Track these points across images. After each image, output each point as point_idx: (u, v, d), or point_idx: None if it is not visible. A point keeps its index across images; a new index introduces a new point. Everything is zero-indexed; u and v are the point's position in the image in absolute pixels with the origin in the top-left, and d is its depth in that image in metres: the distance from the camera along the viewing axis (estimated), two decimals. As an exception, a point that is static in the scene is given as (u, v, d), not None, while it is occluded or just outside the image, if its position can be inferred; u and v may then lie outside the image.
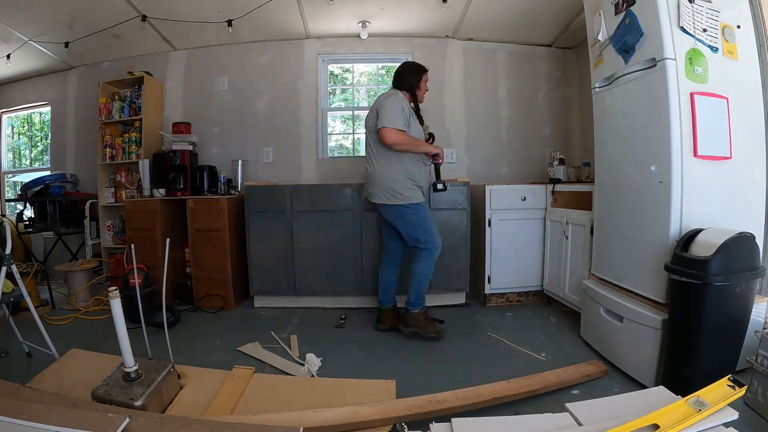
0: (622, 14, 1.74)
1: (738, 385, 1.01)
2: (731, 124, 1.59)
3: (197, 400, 1.43)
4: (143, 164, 2.99)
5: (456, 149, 3.43)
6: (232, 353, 2.00)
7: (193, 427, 1.07)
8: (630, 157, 1.79)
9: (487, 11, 2.98)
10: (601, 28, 1.89)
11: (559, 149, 3.26)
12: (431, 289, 2.65)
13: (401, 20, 3.15)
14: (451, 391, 1.48)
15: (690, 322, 1.38)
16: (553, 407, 1.43)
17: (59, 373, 1.65)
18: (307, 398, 1.46)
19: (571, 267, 2.36)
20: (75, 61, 3.52)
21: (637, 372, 1.65)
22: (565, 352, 1.98)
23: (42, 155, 4.02)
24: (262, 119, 3.43)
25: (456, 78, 3.43)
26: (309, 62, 3.41)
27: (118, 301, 1.25)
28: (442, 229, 2.61)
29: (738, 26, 1.66)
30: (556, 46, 3.47)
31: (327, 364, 1.84)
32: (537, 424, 0.99)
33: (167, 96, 3.45)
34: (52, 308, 2.74)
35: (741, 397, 1.01)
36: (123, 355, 1.30)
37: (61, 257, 3.30)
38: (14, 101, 3.85)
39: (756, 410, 1.39)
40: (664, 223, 1.57)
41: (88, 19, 2.88)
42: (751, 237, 1.37)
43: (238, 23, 2.99)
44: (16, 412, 1.00)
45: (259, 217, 2.66)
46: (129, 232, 2.82)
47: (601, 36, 1.89)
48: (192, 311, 2.68)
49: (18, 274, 1.86)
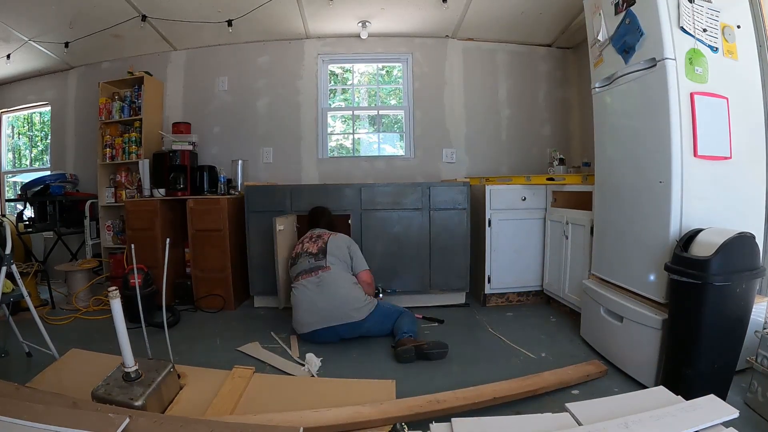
0: (622, 14, 1.74)
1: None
2: (731, 124, 1.59)
3: (197, 400, 1.43)
4: (143, 164, 2.99)
5: (456, 149, 3.43)
6: (232, 353, 2.00)
7: (193, 427, 1.07)
8: (630, 157, 1.79)
9: (487, 11, 2.98)
10: (601, 28, 1.89)
11: (559, 149, 3.27)
12: (431, 288, 2.67)
13: (401, 20, 3.15)
14: (451, 391, 1.49)
15: (690, 322, 1.38)
16: (553, 407, 1.43)
17: (59, 373, 1.66)
18: (307, 398, 1.46)
19: (571, 267, 2.36)
20: (75, 61, 3.52)
21: (637, 372, 1.65)
22: (565, 352, 1.98)
23: (42, 155, 4.02)
24: (262, 119, 3.43)
25: (456, 78, 3.43)
26: (309, 62, 3.41)
27: (118, 301, 1.25)
28: (441, 229, 2.63)
29: (738, 26, 1.66)
30: (556, 46, 3.47)
31: (327, 364, 1.84)
32: (537, 424, 0.98)
33: (167, 96, 3.45)
34: (52, 308, 2.74)
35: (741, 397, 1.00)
36: (123, 355, 1.30)
37: (61, 257, 3.30)
38: (14, 101, 3.85)
39: (756, 410, 1.39)
40: (664, 223, 1.57)
41: (88, 19, 2.88)
42: (751, 237, 1.37)
43: (238, 23, 2.99)
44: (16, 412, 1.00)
45: (259, 217, 2.65)
46: (129, 232, 2.82)
47: (601, 36, 1.89)
48: (192, 311, 2.68)
49: (18, 274, 1.86)
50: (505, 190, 2.63)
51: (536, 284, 2.70)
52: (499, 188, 2.63)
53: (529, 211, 2.64)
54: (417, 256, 2.62)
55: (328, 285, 2.08)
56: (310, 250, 2.21)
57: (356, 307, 2.07)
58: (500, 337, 2.18)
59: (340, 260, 2.19)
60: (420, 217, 2.63)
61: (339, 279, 2.11)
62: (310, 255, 2.19)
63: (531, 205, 2.64)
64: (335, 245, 2.22)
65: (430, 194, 2.61)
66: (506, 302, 2.74)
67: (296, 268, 2.20)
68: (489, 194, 2.61)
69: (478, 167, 3.44)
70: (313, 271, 2.13)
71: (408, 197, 2.63)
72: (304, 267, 2.16)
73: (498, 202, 2.62)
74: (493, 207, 2.62)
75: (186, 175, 2.92)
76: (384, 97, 3.74)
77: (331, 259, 2.16)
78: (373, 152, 3.64)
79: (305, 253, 2.21)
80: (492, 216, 2.62)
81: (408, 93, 3.47)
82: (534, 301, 2.75)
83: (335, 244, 2.23)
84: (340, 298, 2.06)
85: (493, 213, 2.62)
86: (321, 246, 2.20)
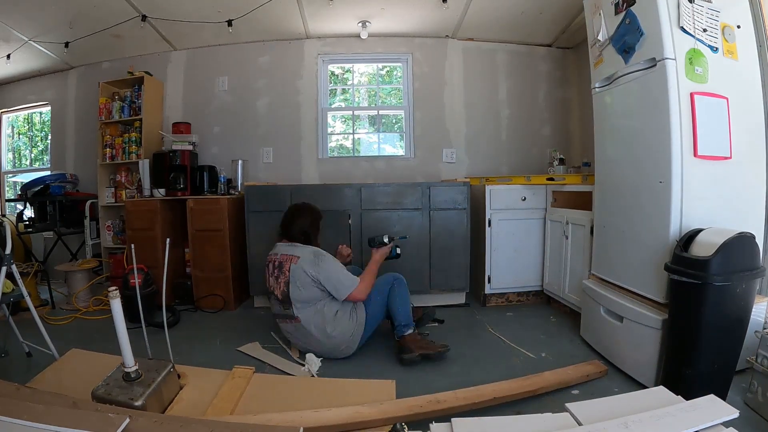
0: (622, 14, 1.74)
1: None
2: (731, 124, 1.59)
3: (197, 400, 1.43)
4: (143, 164, 2.99)
5: (456, 149, 3.43)
6: (232, 353, 2.00)
7: (193, 427, 1.07)
8: (630, 157, 1.79)
9: (487, 11, 2.98)
10: (601, 28, 1.89)
11: (559, 149, 3.27)
12: (431, 288, 2.67)
13: (401, 20, 3.15)
14: (451, 391, 1.49)
15: (690, 322, 1.38)
16: (553, 407, 1.43)
17: (59, 373, 1.65)
18: (307, 398, 1.46)
19: (571, 267, 2.36)
20: (75, 61, 3.52)
21: (637, 372, 1.65)
22: (565, 352, 1.98)
23: (42, 155, 4.02)
24: (262, 119, 3.43)
25: (456, 78, 3.43)
26: (309, 62, 3.41)
27: (118, 301, 1.25)
28: (441, 229, 2.63)
29: (738, 26, 1.66)
30: (556, 46, 3.47)
31: (327, 364, 1.84)
32: (537, 424, 0.98)
33: (167, 96, 3.45)
34: (52, 308, 2.74)
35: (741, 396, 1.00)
36: (123, 355, 1.30)
37: (61, 257, 3.30)
38: (14, 101, 3.85)
39: (756, 410, 1.39)
40: (664, 223, 1.57)
41: (88, 19, 2.88)
42: (751, 237, 1.37)
43: (238, 23, 2.99)
44: (16, 412, 1.00)
45: (259, 217, 2.65)
46: (129, 232, 2.82)
47: (601, 36, 1.89)
48: (192, 311, 2.68)
49: (18, 274, 1.85)
50: (505, 190, 2.63)
51: (536, 284, 2.69)
52: (499, 188, 2.63)
53: (529, 211, 2.64)
54: (417, 256, 2.62)
55: (306, 335, 1.87)
56: (275, 293, 1.90)
57: (345, 346, 1.88)
58: (500, 337, 2.18)
59: (310, 302, 1.84)
60: (420, 217, 2.63)
61: (313, 329, 1.84)
62: (276, 299, 1.91)
63: (531, 205, 2.64)
64: (300, 282, 1.81)
65: (430, 194, 2.61)
66: (506, 302, 2.74)
67: (271, 304, 2.00)
68: (489, 194, 2.61)
69: (478, 167, 3.44)
70: (286, 318, 1.90)
71: (408, 197, 2.63)
72: (277, 311, 1.94)
73: (498, 202, 2.62)
74: (493, 207, 2.61)
75: (186, 175, 2.92)
76: (384, 97, 3.74)
77: (297, 307, 1.83)
78: (373, 152, 3.64)
79: (272, 294, 1.93)
80: (492, 216, 2.61)
81: (408, 93, 3.47)
82: (534, 301, 2.75)
83: (299, 281, 1.81)
84: (325, 345, 1.87)
85: (493, 213, 2.62)
86: (283, 289, 1.85)
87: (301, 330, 1.87)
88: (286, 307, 1.87)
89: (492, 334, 2.23)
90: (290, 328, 1.92)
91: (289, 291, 1.84)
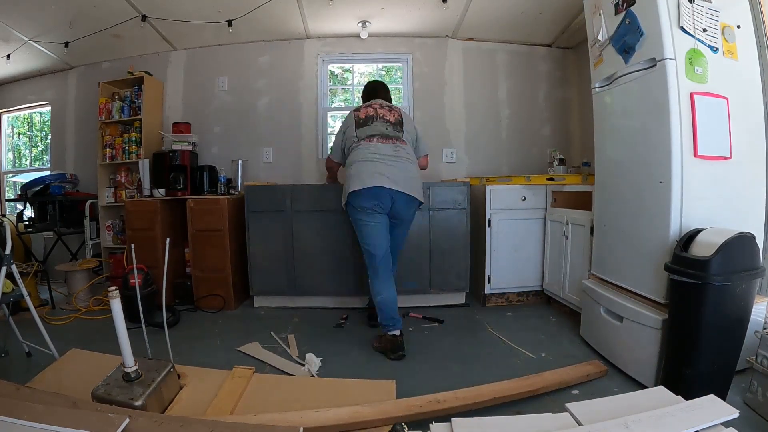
0: (622, 14, 1.74)
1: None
2: (731, 124, 1.59)
3: (197, 400, 1.43)
4: (143, 164, 2.99)
5: (456, 149, 3.43)
6: (232, 353, 2.00)
7: (193, 427, 1.07)
8: (630, 157, 1.79)
9: (487, 11, 2.98)
10: (601, 28, 1.89)
11: (559, 149, 3.27)
12: (431, 288, 2.67)
13: (401, 20, 3.15)
14: (451, 391, 1.48)
15: (690, 322, 1.38)
16: (553, 407, 1.43)
17: (59, 373, 1.65)
18: (307, 398, 1.46)
19: (571, 267, 2.36)
20: (75, 61, 3.52)
21: (637, 372, 1.65)
22: (565, 352, 1.98)
23: (42, 155, 4.02)
24: (262, 119, 3.43)
25: (456, 78, 3.43)
26: (309, 62, 3.41)
27: (118, 301, 1.25)
28: (441, 229, 2.63)
29: (738, 26, 1.66)
30: (556, 46, 3.47)
31: (327, 364, 1.84)
32: (537, 424, 0.99)
33: (167, 96, 3.45)
34: (52, 308, 2.74)
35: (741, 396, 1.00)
36: (123, 355, 1.30)
37: (61, 257, 3.30)
38: (14, 101, 3.84)
39: (756, 410, 1.39)
40: (664, 223, 1.57)
41: (88, 19, 2.88)
42: (751, 237, 1.37)
43: (238, 23, 2.99)
44: (16, 412, 1.00)
45: (259, 217, 2.65)
46: (129, 232, 2.82)
47: (601, 36, 1.89)
48: (192, 311, 2.68)
49: (18, 274, 1.85)
50: (505, 190, 2.63)
51: (536, 284, 2.69)
52: (499, 188, 2.63)
53: (529, 211, 2.64)
54: (417, 255, 2.62)
55: (402, 159, 2.00)
56: (386, 117, 2.06)
57: (419, 188, 2.04)
58: (500, 337, 2.18)
59: (410, 140, 2.09)
60: (420, 217, 2.62)
61: (412, 157, 2.05)
62: (387, 122, 2.05)
63: (531, 205, 2.64)
64: (408, 121, 2.12)
65: (430, 194, 2.61)
66: (506, 302, 2.74)
67: (367, 129, 2.03)
68: (489, 194, 2.61)
69: (478, 167, 3.44)
70: (390, 138, 2.01)
71: (408, 197, 2.63)
72: (381, 131, 2.02)
73: (498, 202, 2.62)
74: (493, 207, 2.61)
75: (186, 175, 2.91)
76: (384, 97, 3.74)
77: (406, 136, 2.06)
78: (373, 152, 3.63)
79: (381, 118, 2.05)
80: (492, 216, 2.61)
81: (408, 93, 3.47)
82: (534, 301, 2.75)
83: (407, 120, 2.12)
84: (411, 173, 2.00)
85: (493, 213, 2.62)
86: (397, 117, 2.08)
87: (402, 154, 2.01)
88: (398, 130, 2.06)
89: (492, 334, 2.23)
90: (391, 147, 2.00)
91: (403, 119, 2.09)
